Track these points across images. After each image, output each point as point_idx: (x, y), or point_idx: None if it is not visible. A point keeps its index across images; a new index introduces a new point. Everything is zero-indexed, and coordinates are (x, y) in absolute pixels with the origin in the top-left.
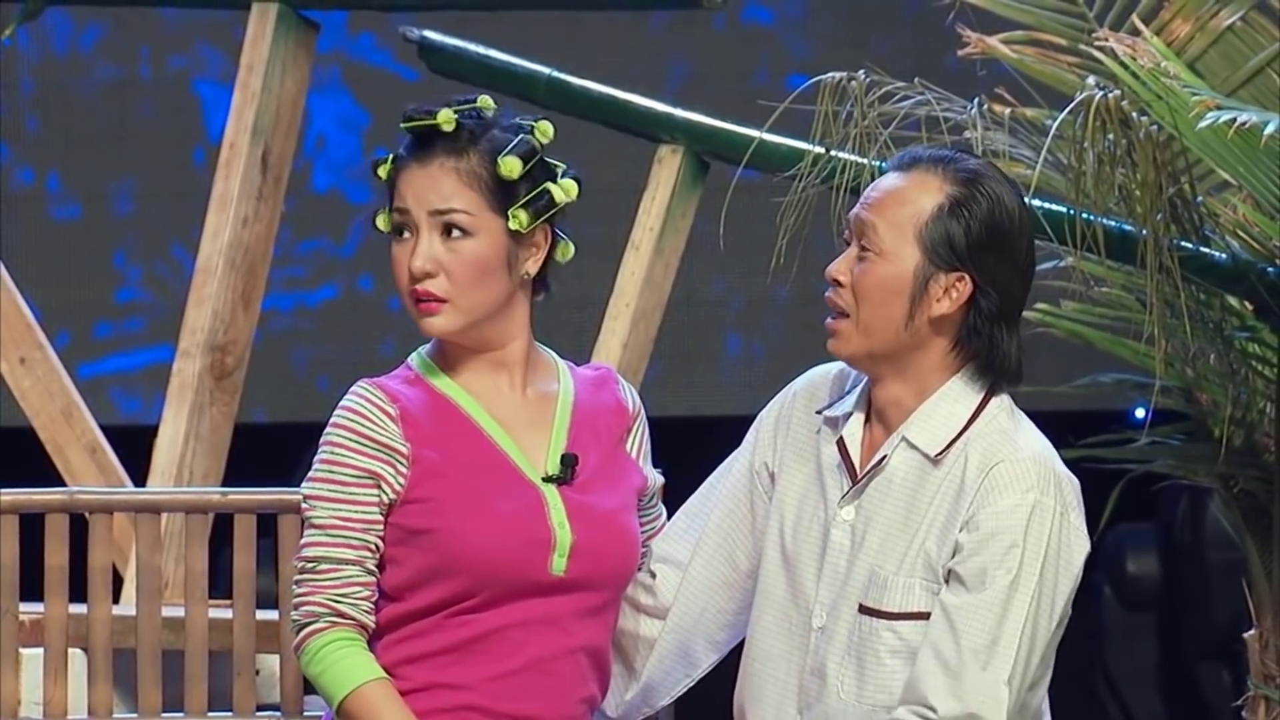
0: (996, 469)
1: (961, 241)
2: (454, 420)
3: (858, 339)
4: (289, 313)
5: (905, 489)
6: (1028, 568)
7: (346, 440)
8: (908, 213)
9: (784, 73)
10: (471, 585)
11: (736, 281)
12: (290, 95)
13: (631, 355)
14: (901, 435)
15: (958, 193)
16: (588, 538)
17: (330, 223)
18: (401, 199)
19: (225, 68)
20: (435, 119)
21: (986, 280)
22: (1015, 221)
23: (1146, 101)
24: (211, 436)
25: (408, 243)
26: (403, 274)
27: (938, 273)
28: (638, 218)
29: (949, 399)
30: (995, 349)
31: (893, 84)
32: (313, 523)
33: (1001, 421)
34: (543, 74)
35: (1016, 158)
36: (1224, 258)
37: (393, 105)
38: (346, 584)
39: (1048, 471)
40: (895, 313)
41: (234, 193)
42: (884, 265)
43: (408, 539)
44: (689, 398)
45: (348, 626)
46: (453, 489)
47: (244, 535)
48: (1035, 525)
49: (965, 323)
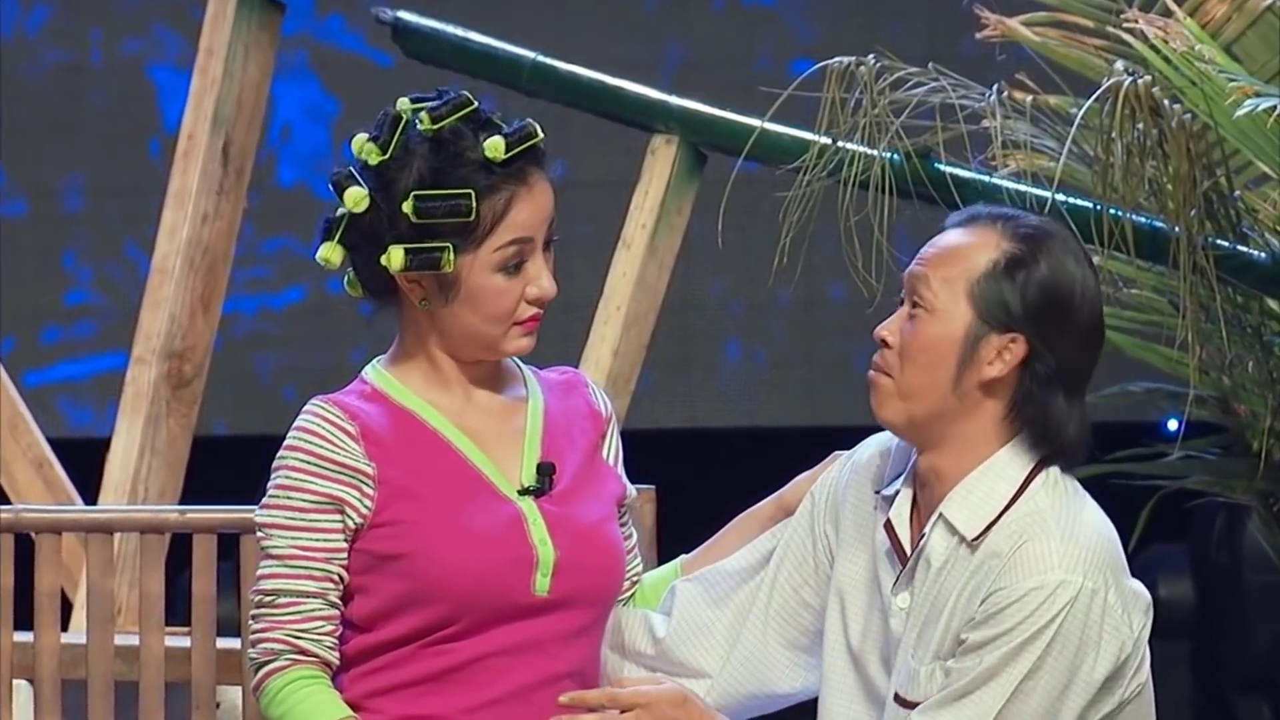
0: (1021, 549)
1: (1017, 300)
2: (419, 435)
3: (897, 402)
4: (252, 316)
5: (944, 574)
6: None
7: (303, 463)
8: (961, 269)
9: (787, 57)
10: (450, 612)
11: (736, 283)
12: (253, 82)
13: (623, 362)
14: (940, 513)
15: (1016, 249)
16: (571, 553)
17: (296, 220)
18: (521, 229)
19: (183, 52)
20: (537, 136)
21: (1042, 343)
22: (1078, 285)
23: (1179, 88)
24: (168, 450)
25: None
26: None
27: (990, 333)
28: (630, 214)
29: (992, 474)
30: (1049, 418)
31: (905, 69)
32: (270, 553)
33: (1039, 500)
34: (527, 58)
35: (1039, 149)
36: (1263, 257)
37: (363, 92)
38: (308, 618)
39: (1081, 553)
40: (942, 375)
41: (192, 187)
42: (933, 323)
43: (378, 565)
44: (685, 408)
45: (310, 664)
46: (424, 509)
47: (203, 557)
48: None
49: (1018, 388)
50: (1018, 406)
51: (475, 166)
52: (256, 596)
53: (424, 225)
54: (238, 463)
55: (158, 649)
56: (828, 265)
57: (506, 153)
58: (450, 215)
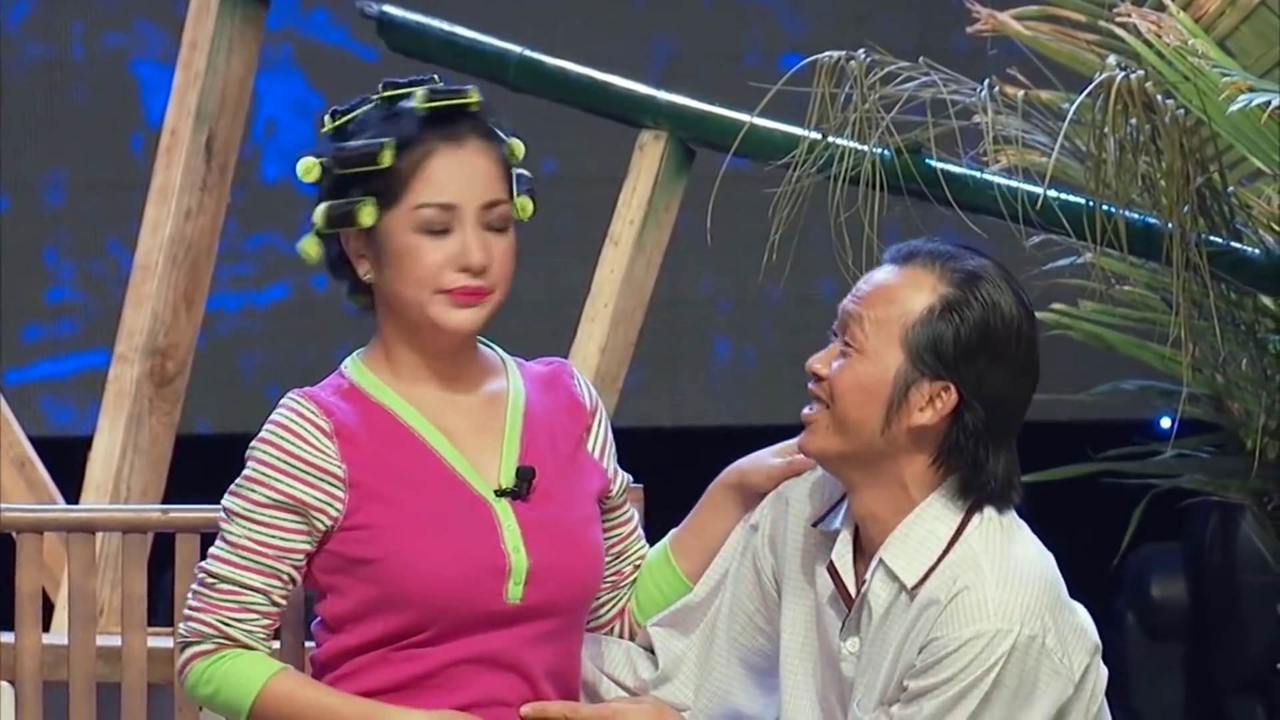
0: (958, 598)
1: (949, 348)
2: (395, 434)
3: (831, 436)
4: (236, 314)
5: (888, 621)
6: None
7: (273, 459)
8: (895, 311)
9: (777, 52)
10: (419, 619)
11: (725, 280)
12: (237, 76)
13: (610, 360)
14: (880, 559)
15: (951, 294)
16: (545, 560)
17: (281, 216)
18: (442, 192)
19: (166, 46)
20: (468, 97)
21: (973, 392)
22: (1012, 330)
23: (1173, 83)
24: (151, 449)
25: (444, 237)
26: (433, 267)
27: (921, 380)
28: (617, 210)
29: (928, 517)
30: (978, 469)
31: (895, 64)
32: (224, 537)
33: (974, 544)
34: (513, 53)
35: (1031, 144)
36: (1257, 253)
37: (348, 87)
38: (244, 610)
39: (1017, 599)
40: (871, 416)
41: (175, 183)
42: (864, 365)
43: (347, 568)
44: (673, 406)
45: (234, 648)
46: (395, 513)
47: (186, 557)
48: (984, 655)
49: (948, 437)
50: (946, 454)
51: (402, 119)
52: (200, 574)
53: (343, 177)
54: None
55: (140, 650)
56: (817, 262)
57: (427, 102)
58: (362, 163)
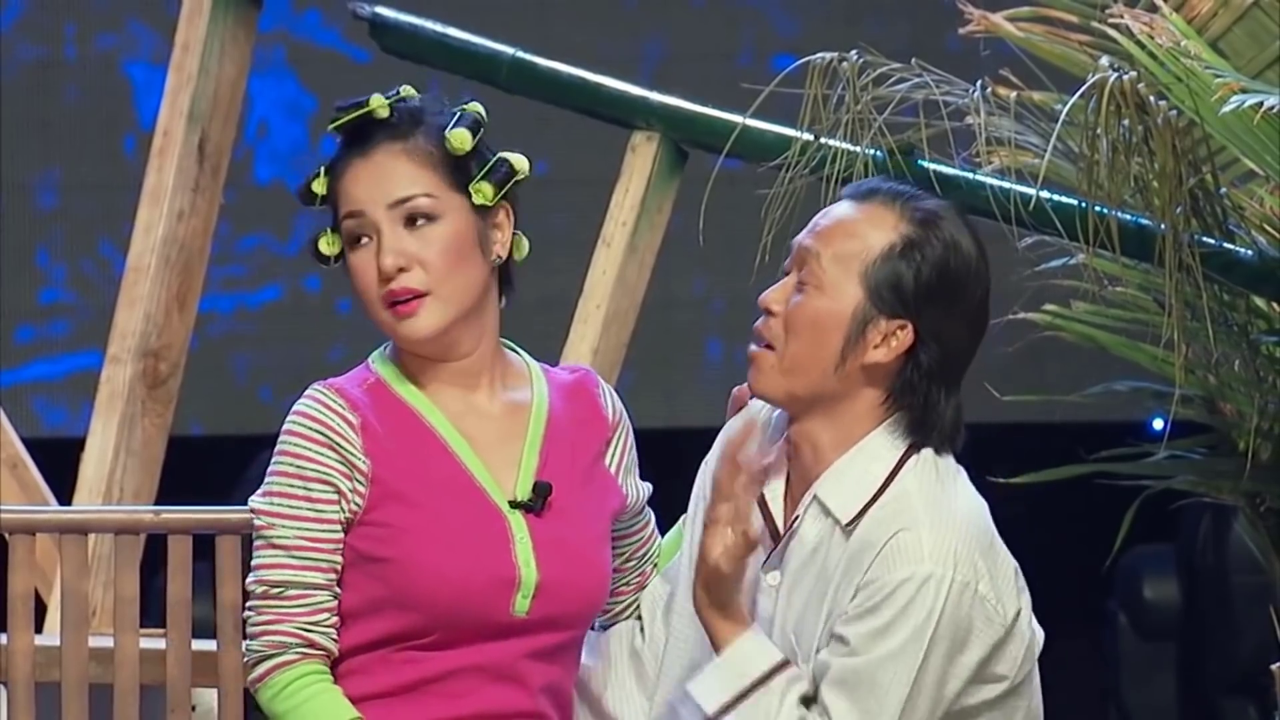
0: (894, 539)
1: (909, 287)
2: (418, 435)
3: (779, 377)
4: (228, 315)
5: (818, 556)
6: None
7: (307, 450)
8: (855, 247)
9: (769, 53)
10: (425, 623)
11: (717, 281)
12: (230, 78)
13: (603, 361)
14: (814, 495)
15: (912, 233)
16: (554, 576)
17: (273, 217)
18: (351, 202)
19: (158, 48)
20: (368, 106)
21: (930, 332)
22: (970, 272)
23: (1165, 84)
24: (143, 450)
25: (368, 248)
26: (369, 282)
27: (879, 317)
28: (610, 211)
29: (866, 455)
30: (929, 409)
31: (888, 65)
32: (274, 542)
33: (908, 484)
34: (506, 54)
35: (1023, 145)
36: (1250, 255)
37: (341, 89)
38: (317, 610)
39: (951, 542)
40: (825, 353)
41: (168, 184)
42: (822, 300)
43: (357, 563)
44: (666, 408)
45: (318, 659)
46: (412, 515)
47: (179, 558)
48: (921, 599)
49: (900, 375)
50: (897, 392)
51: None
52: (260, 587)
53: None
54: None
55: (132, 651)
56: None
57: (333, 124)
58: (305, 200)
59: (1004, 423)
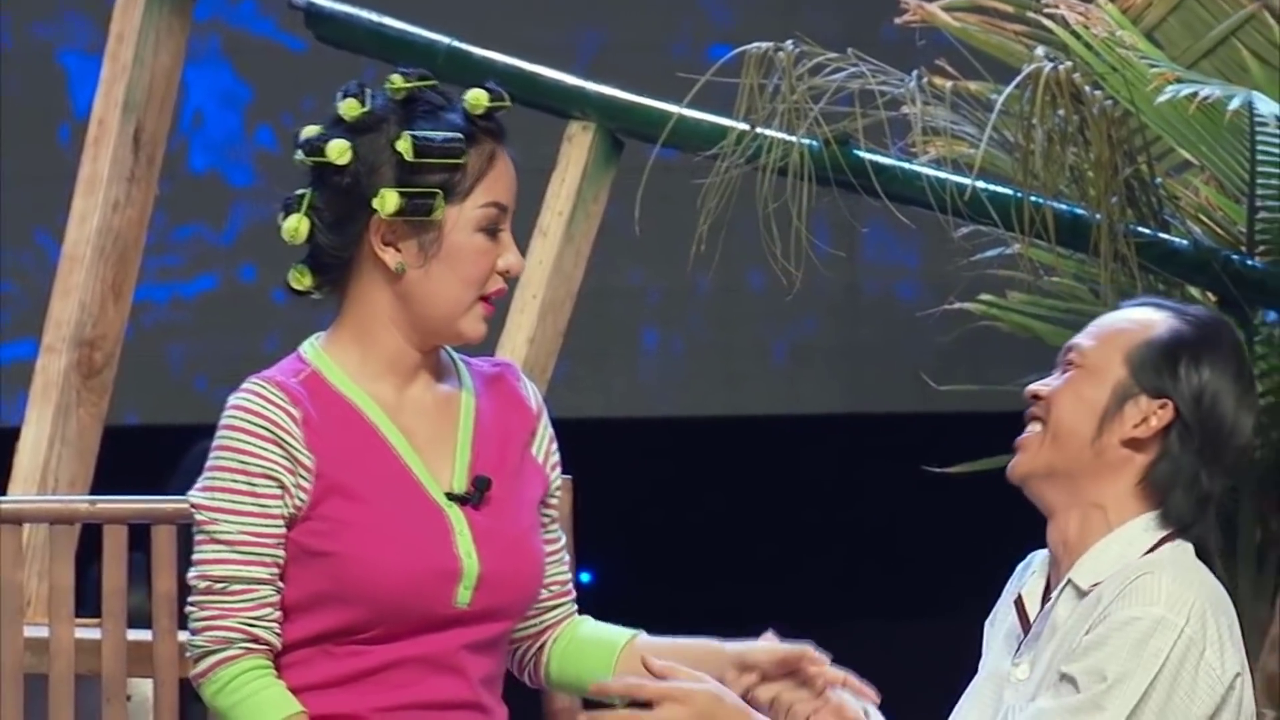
0: (1134, 583)
1: (1171, 367)
2: (356, 429)
3: (1042, 451)
4: (163, 305)
5: (1063, 629)
6: (1132, 682)
7: (250, 445)
8: (1124, 336)
9: (705, 43)
10: (367, 617)
11: (654, 271)
12: (165, 68)
13: (539, 351)
14: (1068, 579)
15: (1180, 326)
16: (494, 567)
17: (208, 207)
18: (503, 194)
19: (93, 37)
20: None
21: (1190, 412)
22: (1235, 362)
23: (1100, 74)
24: (79, 440)
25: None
26: (484, 271)
27: (1139, 394)
28: (546, 201)
29: (1122, 540)
30: (1187, 491)
31: (824, 55)
32: (216, 537)
33: (1162, 555)
34: (442, 44)
35: (959, 135)
36: (1185, 244)
37: (276, 78)
38: (260, 604)
39: (1189, 595)
40: (1084, 424)
41: (103, 174)
42: (1084, 377)
43: (300, 557)
44: (602, 398)
45: (261, 653)
46: (356, 510)
47: (114, 548)
48: (1155, 641)
49: (1158, 458)
50: (1153, 478)
51: (459, 117)
52: (203, 583)
53: (418, 166)
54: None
55: (67, 641)
56: (746, 252)
57: (490, 102)
58: (445, 155)
59: (939, 413)
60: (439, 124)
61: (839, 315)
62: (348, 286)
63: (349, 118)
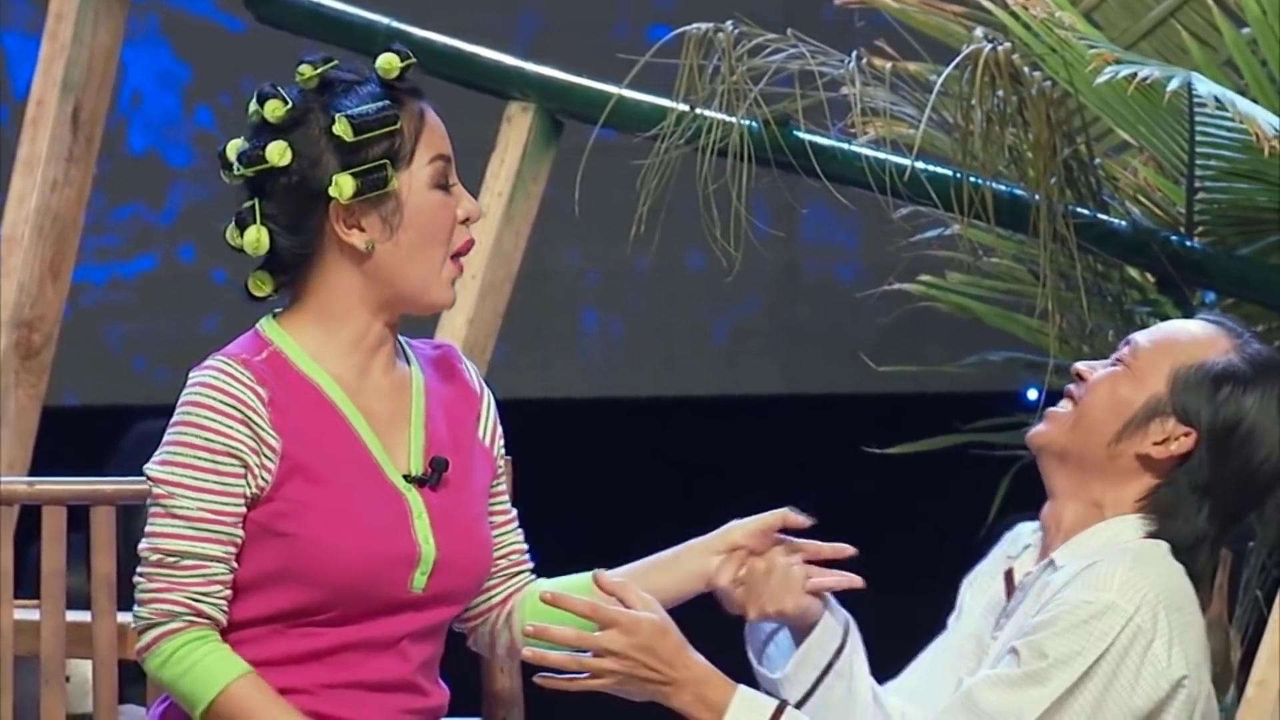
0: (1090, 567)
1: (1209, 405)
2: (321, 412)
3: (1067, 431)
4: (102, 286)
5: (1028, 602)
6: (1075, 663)
7: (216, 423)
8: (1180, 350)
9: (645, 24)
10: (323, 599)
11: (593, 252)
12: (103, 47)
13: (478, 331)
14: (1051, 558)
15: (1240, 366)
16: (450, 552)
17: (147, 187)
18: (443, 146)
19: (32, 17)
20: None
21: (1211, 453)
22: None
23: (1039, 55)
24: (17, 421)
25: (451, 193)
26: (449, 225)
27: (1169, 415)
28: (485, 182)
29: (1109, 532)
30: (1184, 523)
31: (763, 36)
32: (173, 512)
33: (1132, 545)
34: (381, 24)
35: (898, 116)
36: (1124, 225)
37: (215, 58)
38: (210, 581)
39: (1143, 585)
40: (1108, 424)
41: (42, 154)
42: (1125, 377)
43: (260, 537)
44: (541, 378)
45: (205, 626)
46: (317, 492)
47: (53, 529)
48: (1101, 624)
49: (1165, 482)
50: (1155, 499)
51: (377, 87)
52: (155, 555)
53: (359, 144)
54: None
55: (6, 622)
56: (685, 233)
57: (402, 64)
58: (383, 125)
59: (879, 393)
60: (361, 98)
61: (778, 296)
62: (309, 278)
63: (275, 118)
